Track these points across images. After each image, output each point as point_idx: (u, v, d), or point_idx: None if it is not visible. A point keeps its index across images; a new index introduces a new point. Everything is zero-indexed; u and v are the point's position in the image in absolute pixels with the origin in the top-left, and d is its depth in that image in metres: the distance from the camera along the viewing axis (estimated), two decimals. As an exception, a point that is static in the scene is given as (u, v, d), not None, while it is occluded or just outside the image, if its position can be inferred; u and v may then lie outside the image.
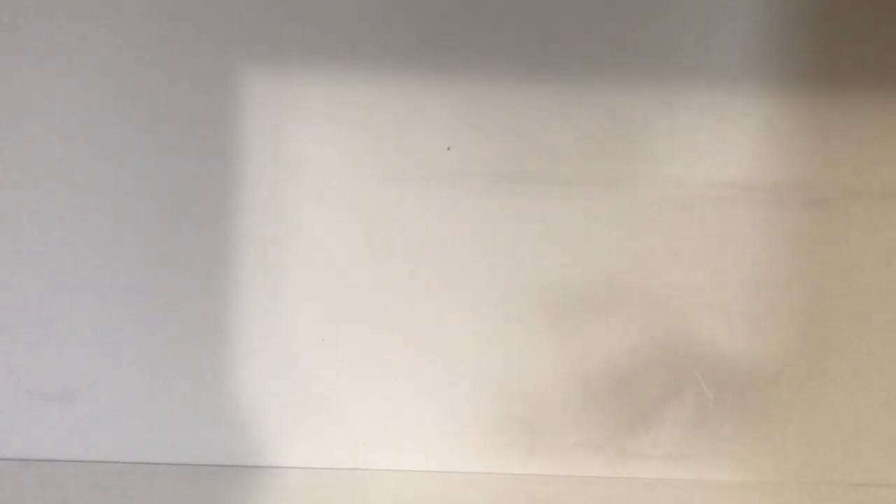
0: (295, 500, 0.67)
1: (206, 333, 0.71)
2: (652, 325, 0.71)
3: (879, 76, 0.70)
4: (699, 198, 0.70)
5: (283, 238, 0.70)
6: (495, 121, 0.70)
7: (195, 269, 0.70)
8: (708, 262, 0.71)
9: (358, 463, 0.72)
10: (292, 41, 0.69)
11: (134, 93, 0.69)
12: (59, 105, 0.69)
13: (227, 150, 0.70)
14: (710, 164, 0.70)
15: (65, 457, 0.71)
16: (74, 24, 0.69)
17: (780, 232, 0.71)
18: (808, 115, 0.70)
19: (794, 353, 0.71)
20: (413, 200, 0.70)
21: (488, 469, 0.72)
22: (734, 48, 0.69)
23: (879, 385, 0.71)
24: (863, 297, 0.71)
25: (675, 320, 0.71)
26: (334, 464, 0.72)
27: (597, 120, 0.70)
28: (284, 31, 0.69)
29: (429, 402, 0.71)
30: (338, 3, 0.69)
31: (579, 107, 0.70)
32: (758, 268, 0.71)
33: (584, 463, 0.72)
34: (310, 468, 0.71)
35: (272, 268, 0.70)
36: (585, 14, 0.69)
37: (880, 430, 0.72)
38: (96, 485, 0.67)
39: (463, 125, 0.70)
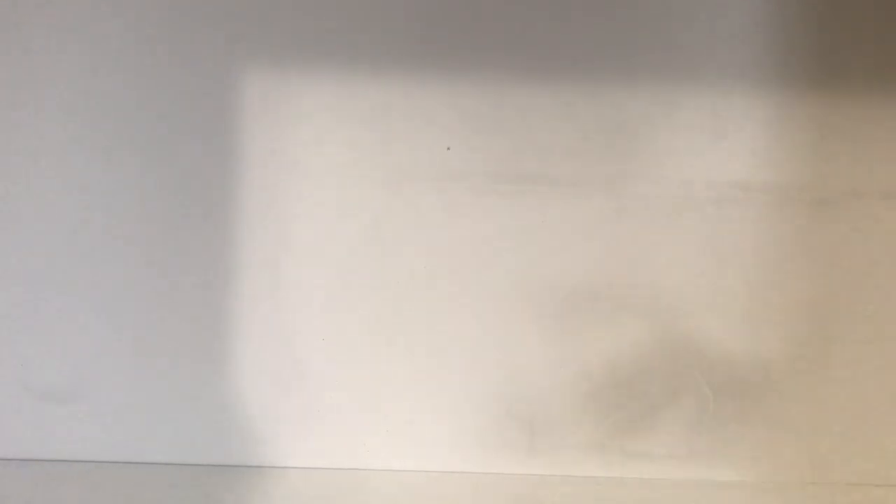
0: (295, 500, 0.67)
1: (206, 333, 0.71)
2: (652, 326, 0.71)
3: (879, 76, 0.70)
4: (699, 198, 0.70)
5: (283, 238, 0.70)
6: (495, 121, 0.70)
7: (195, 269, 0.70)
8: (708, 262, 0.71)
9: (358, 463, 0.72)
10: (292, 41, 0.69)
11: (134, 93, 0.69)
12: (59, 105, 0.69)
13: (227, 151, 0.70)
14: (710, 164, 0.70)
15: (65, 457, 0.71)
16: (74, 25, 0.69)
17: (780, 232, 0.71)
18: (808, 115, 0.70)
19: (794, 352, 0.71)
20: (413, 200, 0.70)
21: (488, 469, 0.72)
22: (734, 48, 0.69)
23: (879, 385, 0.71)
24: (863, 297, 0.71)
25: (675, 320, 0.71)
26: (334, 464, 0.72)
27: (597, 120, 0.70)
28: (284, 31, 0.69)
29: (429, 402, 0.71)
30: (338, 3, 0.69)
31: (579, 107, 0.70)
32: (758, 268, 0.71)
33: (584, 463, 0.72)
34: (310, 468, 0.71)
35: (272, 268, 0.70)
36: (586, 14, 0.69)
37: (880, 430, 0.72)
38: (96, 485, 0.67)
39: (463, 125, 0.70)
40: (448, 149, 0.70)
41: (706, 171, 0.70)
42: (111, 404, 0.71)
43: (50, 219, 0.70)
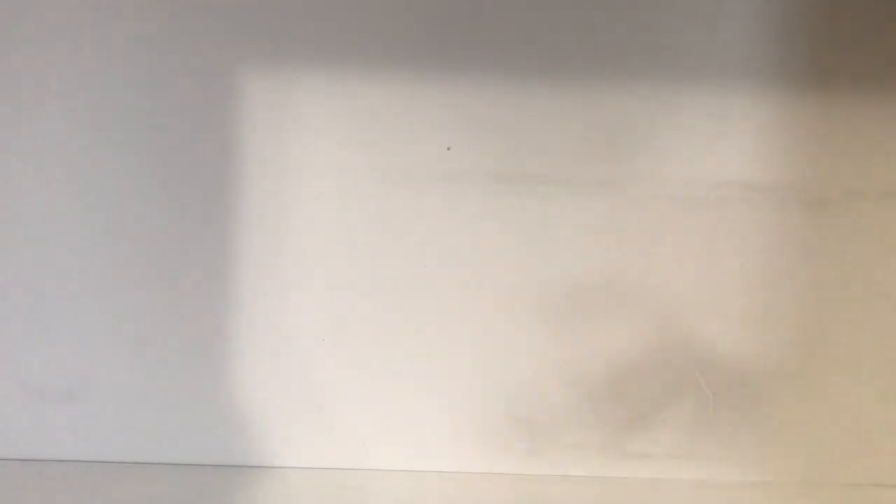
0: (295, 500, 0.67)
1: (206, 333, 0.71)
2: (652, 325, 0.71)
3: (879, 76, 0.70)
4: (699, 198, 0.70)
5: (283, 238, 0.70)
6: (495, 121, 0.70)
7: (195, 269, 0.70)
8: (708, 262, 0.71)
9: (358, 463, 0.72)
10: (292, 41, 0.69)
11: (134, 92, 0.69)
12: (59, 105, 0.69)
13: (227, 150, 0.70)
14: (710, 164, 0.70)
15: (65, 457, 0.71)
16: (74, 25, 0.69)
17: (779, 232, 0.71)
18: (808, 115, 0.70)
19: (793, 352, 0.71)
20: (413, 200, 0.70)
21: (488, 469, 0.72)
22: (734, 48, 0.69)
23: (879, 385, 0.71)
24: (862, 297, 0.71)
25: (675, 320, 0.71)
26: (334, 464, 0.72)
27: (597, 120, 0.70)
28: (284, 31, 0.69)
29: (429, 402, 0.71)
30: (338, 3, 0.69)
31: (579, 107, 0.70)
32: (758, 268, 0.71)
33: (584, 463, 0.72)
34: (310, 468, 0.71)
35: (272, 268, 0.70)
36: (586, 14, 0.69)
37: (880, 430, 0.72)
38: (96, 485, 0.67)
39: (463, 125, 0.70)
40: (448, 149, 0.70)
41: (706, 171, 0.70)
42: (111, 404, 0.71)
43: (50, 219, 0.70)
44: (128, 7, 0.69)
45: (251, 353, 0.71)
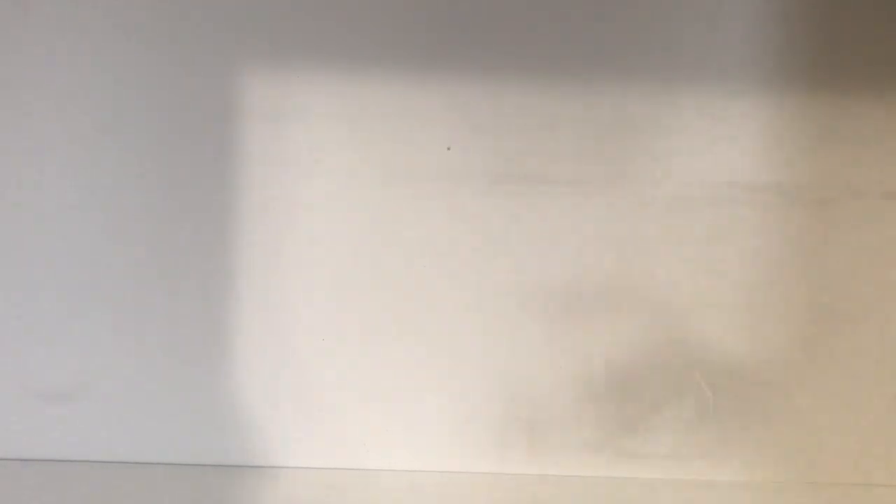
0: (295, 500, 0.67)
1: (206, 333, 0.71)
2: (652, 325, 0.71)
3: (879, 76, 0.70)
4: (699, 198, 0.70)
5: (283, 238, 0.70)
6: (495, 121, 0.70)
7: (195, 269, 0.70)
8: (708, 262, 0.71)
9: (358, 463, 0.72)
10: (292, 41, 0.69)
11: (134, 92, 0.69)
12: (59, 105, 0.69)
13: (227, 150, 0.70)
14: (710, 165, 0.70)
15: (65, 457, 0.71)
16: (74, 24, 0.69)
17: (780, 232, 0.71)
18: (808, 115, 0.70)
19: (793, 352, 0.71)
20: (413, 200, 0.70)
21: (488, 469, 0.72)
22: (735, 48, 0.69)
23: (879, 385, 0.71)
24: (863, 297, 0.71)
25: (675, 320, 0.71)
26: (334, 464, 0.72)
27: (597, 120, 0.70)
28: (284, 31, 0.69)
29: (429, 402, 0.71)
30: (338, 2, 0.69)
31: (579, 107, 0.70)
32: (758, 268, 0.71)
33: (584, 463, 0.72)
34: (310, 468, 0.71)
35: (272, 268, 0.70)
36: (586, 14, 0.69)
37: (880, 430, 0.72)
38: (96, 485, 0.67)
39: (463, 125, 0.70)
40: (448, 149, 0.70)
41: (706, 171, 0.70)
42: (111, 404, 0.71)
43: (50, 219, 0.70)
44: (128, 7, 0.69)
45: (251, 353, 0.71)
